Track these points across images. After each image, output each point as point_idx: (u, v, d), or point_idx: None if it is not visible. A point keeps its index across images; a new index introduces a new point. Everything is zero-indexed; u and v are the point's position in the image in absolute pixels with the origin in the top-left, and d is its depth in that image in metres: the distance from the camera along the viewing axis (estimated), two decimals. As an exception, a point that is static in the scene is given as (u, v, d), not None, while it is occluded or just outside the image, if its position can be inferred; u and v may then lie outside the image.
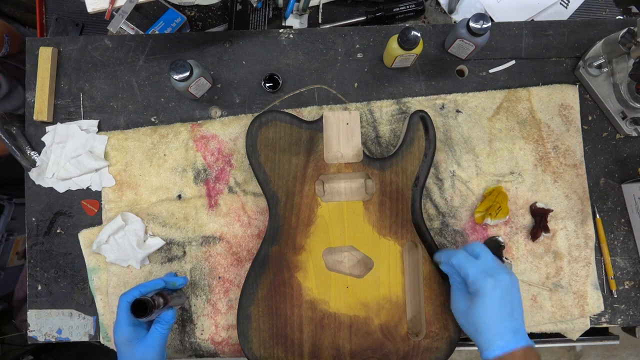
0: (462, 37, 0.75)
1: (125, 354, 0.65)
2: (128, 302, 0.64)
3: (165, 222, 0.79)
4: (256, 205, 0.79)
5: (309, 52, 0.83)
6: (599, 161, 0.81)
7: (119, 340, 0.65)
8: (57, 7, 0.98)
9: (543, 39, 0.83)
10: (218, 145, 0.80)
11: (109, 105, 0.82)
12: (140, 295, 0.65)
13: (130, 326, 0.65)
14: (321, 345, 0.70)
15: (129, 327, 0.65)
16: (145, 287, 0.67)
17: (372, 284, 0.71)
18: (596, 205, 0.80)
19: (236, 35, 0.83)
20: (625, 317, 0.79)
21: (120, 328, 0.65)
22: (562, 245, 0.79)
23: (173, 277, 0.73)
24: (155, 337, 0.66)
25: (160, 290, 0.68)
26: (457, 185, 0.79)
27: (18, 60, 1.20)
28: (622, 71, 0.77)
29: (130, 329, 0.65)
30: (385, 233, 0.72)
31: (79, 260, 0.80)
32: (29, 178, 0.81)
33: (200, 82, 0.76)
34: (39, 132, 0.82)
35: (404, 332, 0.70)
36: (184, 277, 0.73)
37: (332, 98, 0.82)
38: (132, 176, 0.80)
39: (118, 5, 0.74)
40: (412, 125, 0.73)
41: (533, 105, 0.81)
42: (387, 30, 0.83)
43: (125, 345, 0.65)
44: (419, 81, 0.82)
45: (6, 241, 1.40)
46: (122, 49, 0.83)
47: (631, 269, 0.80)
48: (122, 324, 0.65)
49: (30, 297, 0.81)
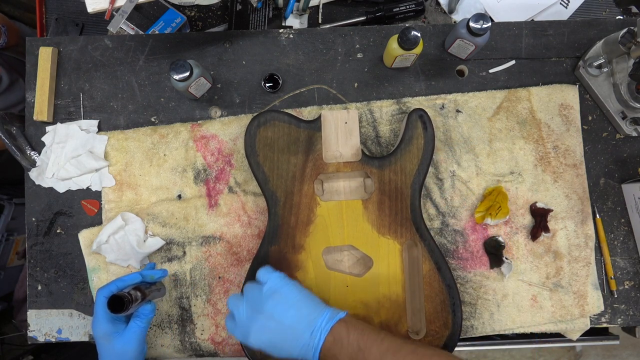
0: (462, 37, 0.75)
1: (104, 348, 0.66)
2: (105, 297, 0.64)
3: (165, 222, 0.79)
4: (256, 205, 0.79)
5: (309, 52, 0.83)
6: (599, 161, 0.81)
7: (97, 334, 0.65)
8: (57, 7, 0.98)
9: (543, 39, 0.83)
10: (218, 145, 0.80)
11: (109, 105, 0.82)
12: (118, 290, 0.65)
13: (108, 321, 0.65)
14: (321, 345, 0.70)
15: (107, 322, 0.65)
16: (122, 282, 0.67)
17: (371, 283, 0.71)
18: (596, 205, 0.80)
19: (236, 35, 0.83)
20: (625, 317, 0.79)
21: (98, 323, 0.65)
22: (562, 245, 0.78)
23: (152, 270, 0.72)
24: (134, 331, 0.66)
25: (138, 284, 0.68)
26: (457, 185, 0.79)
27: (17, 52, 1.21)
28: (622, 71, 0.77)
29: (108, 324, 0.65)
30: (385, 232, 0.72)
31: (79, 260, 0.80)
32: (29, 178, 0.81)
33: (200, 82, 0.76)
34: (39, 132, 0.82)
35: (404, 330, 0.70)
36: (163, 269, 0.72)
37: (332, 98, 0.82)
38: (132, 176, 0.80)
39: (118, 5, 0.74)
40: (410, 124, 0.73)
41: (533, 105, 0.81)
42: (387, 30, 0.83)
43: (103, 339, 0.65)
44: (419, 81, 0.82)
45: (6, 241, 1.40)
46: (122, 49, 0.83)
47: (631, 269, 0.80)
48: (99, 319, 0.65)
49: (30, 297, 0.81)
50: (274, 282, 0.63)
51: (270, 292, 0.62)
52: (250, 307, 0.62)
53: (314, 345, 0.59)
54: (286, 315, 0.60)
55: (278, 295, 0.62)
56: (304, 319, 0.60)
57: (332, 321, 0.59)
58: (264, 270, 0.65)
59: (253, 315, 0.61)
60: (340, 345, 0.58)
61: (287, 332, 0.60)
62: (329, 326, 0.59)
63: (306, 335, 0.59)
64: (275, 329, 0.60)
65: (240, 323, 0.63)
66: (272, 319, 0.60)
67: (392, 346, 0.57)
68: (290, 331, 0.60)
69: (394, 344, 0.58)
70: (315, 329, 0.59)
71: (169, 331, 0.78)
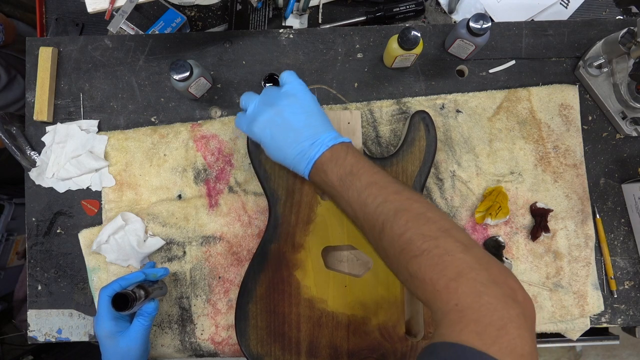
0: (462, 37, 0.75)
1: (108, 347, 0.66)
2: (108, 296, 0.64)
3: (165, 222, 0.79)
4: (256, 205, 0.79)
5: (309, 52, 0.83)
6: (599, 161, 0.81)
7: (101, 334, 0.65)
8: (57, 7, 0.98)
9: (543, 39, 0.83)
10: (218, 145, 0.80)
11: (109, 105, 0.82)
12: (121, 288, 0.65)
13: (112, 320, 0.65)
14: (319, 343, 0.70)
15: (111, 320, 0.65)
16: (125, 280, 0.67)
17: (370, 284, 0.71)
18: (596, 205, 0.80)
19: (236, 35, 0.83)
20: (625, 317, 0.79)
21: (102, 322, 0.65)
22: (562, 245, 0.78)
23: (153, 268, 0.72)
24: (138, 329, 0.66)
25: (141, 282, 0.68)
26: (457, 185, 0.79)
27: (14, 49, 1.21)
28: (622, 71, 0.77)
29: (112, 323, 0.65)
30: (385, 233, 0.71)
31: (79, 260, 0.80)
32: (29, 178, 0.81)
33: (200, 82, 0.76)
34: (39, 132, 0.82)
35: (401, 332, 0.70)
36: (165, 268, 0.73)
37: (332, 98, 0.82)
38: (132, 176, 0.80)
39: (118, 5, 0.74)
40: (413, 126, 0.73)
41: (533, 105, 0.81)
42: (387, 30, 0.83)
43: (107, 338, 0.65)
44: (419, 81, 0.82)
45: (6, 241, 1.40)
46: (122, 49, 0.83)
47: (631, 269, 0.80)
48: (103, 318, 0.65)
49: (30, 297, 0.81)
50: (294, 86, 0.63)
51: (289, 93, 0.62)
52: (263, 101, 0.63)
53: (310, 156, 0.59)
54: (295, 118, 0.61)
55: (294, 98, 0.62)
56: (311, 127, 0.60)
57: (335, 140, 0.60)
58: (288, 73, 0.64)
59: (264, 108, 0.62)
60: (334, 163, 0.59)
61: (289, 133, 0.60)
62: (331, 143, 0.60)
63: (307, 143, 0.60)
64: (280, 125, 0.60)
65: (249, 113, 0.63)
66: (280, 115, 0.61)
67: (382, 180, 0.57)
68: (293, 133, 0.60)
69: (385, 179, 0.57)
70: (318, 141, 0.60)
71: (169, 331, 0.78)
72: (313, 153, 0.59)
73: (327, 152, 0.59)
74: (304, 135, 0.60)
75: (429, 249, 0.49)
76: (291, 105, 0.61)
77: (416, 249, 0.50)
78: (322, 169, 0.59)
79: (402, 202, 0.54)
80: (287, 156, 0.61)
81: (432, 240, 0.50)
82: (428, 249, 0.49)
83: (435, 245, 0.49)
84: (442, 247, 0.49)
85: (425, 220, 0.52)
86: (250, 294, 0.71)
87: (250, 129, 0.63)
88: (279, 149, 0.61)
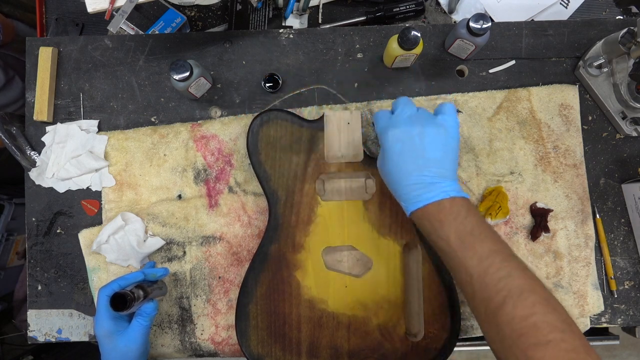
0: (462, 37, 0.75)
1: (107, 347, 0.66)
2: (107, 296, 0.64)
3: (165, 222, 0.79)
4: (256, 205, 0.79)
5: (309, 52, 0.83)
6: (599, 161, 0.81)
7: (100, 333, 0.65)
8: (57, 7, 0.98)
9: (543, 39, 0.83)
10: (218, 145, 0.80)
11: (109, 105, 0.82)
12: (120, 288, 0.65)
13: (110, 320, 0.65)
14: (319, 344, 0.70)
15: (110, 320, 0.65)
16: (124, 280, 0.67)
17: (370, 284, 0.71)
18: (596, 205, 0.80)
19: (236, 35, 0.83)
20: (625, 317, 0.79)
21: (101, 322, 0.65)
22: (562, 245, 0.78)
23: (153, 268, 0.72)
24: (137, 329, 0.66)
25: (140, 282, 0.68)
26: (457, 185, 0.79)
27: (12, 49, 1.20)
28: (622, 71, 0.77)
29: (111, 323, 0.65)
30: (385, 233, 0.72)
31: (79, 260, 0.80)
32: (29, 178, 0.81)
33: (200, 82, 0.76)
34: (39, 132, 0.82)
35: (402, 332, 0.70)
36: (164, 268, 0.73)
37: (332, 98, 0.82)
38: (132, 176, 0.80)
39: (118, 5, 0.74)
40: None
41: (533, 105, 0.81)
42: (387, 30, 0.83)
43: (106, 338, 0.65)
44: (419, 81, 0.82)
45: (6, 241, 1.40)
46: (122, 49, 0.83)
47: (631, 269, 0.80)
48: (102, 317, 0.65)
49: (30, 297, 0.81)
50: (449, 119, 0.60)
51: (440, 123, 0.60)
52: (413, 117, 0.60)
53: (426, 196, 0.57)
54: (433, 148, 0.58)
55: (444, 130, 0.59)
56: (441, 167, 0.58)
57: (457, 193, 0.57)
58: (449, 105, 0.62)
59: (410, 122, 0.59)
60: (454, 217, 0.56)
61: (418, 159, 0.58)
62: (454, 193, 0.57)
63: (428, 179, 0.57)
64: (414, 147, 0.58)
65: (396, 116, 0.61)
66: (421, 137, 0.58)
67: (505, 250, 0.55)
68: (422, 161, 0.58)
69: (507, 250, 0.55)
70: (441, 184, 0.57)
71: (169, 331, 0.79)
72: (431, 194, 0.57)
73: (447, 202, 0.56)
74: (431, 170, 0.57)
75: (555, 341, 0.49)
76: (437, 135, 0.59)
77: (542, 337, 0.49)
78: (437, 218, 0.56)
79: (528, 281, 0.53)
80: (401, 179, 0.58)
81: (559, 332, 0.49)
82: (554, 340, 0.49)
83: (562, 339, 0.49)
84: (569, 342, 0.49)
85: (552, 308, 0.51)
86: (250, 295, 0.71)
87: (384, 132, 0.60)
88: (398, 168, 0.58)
